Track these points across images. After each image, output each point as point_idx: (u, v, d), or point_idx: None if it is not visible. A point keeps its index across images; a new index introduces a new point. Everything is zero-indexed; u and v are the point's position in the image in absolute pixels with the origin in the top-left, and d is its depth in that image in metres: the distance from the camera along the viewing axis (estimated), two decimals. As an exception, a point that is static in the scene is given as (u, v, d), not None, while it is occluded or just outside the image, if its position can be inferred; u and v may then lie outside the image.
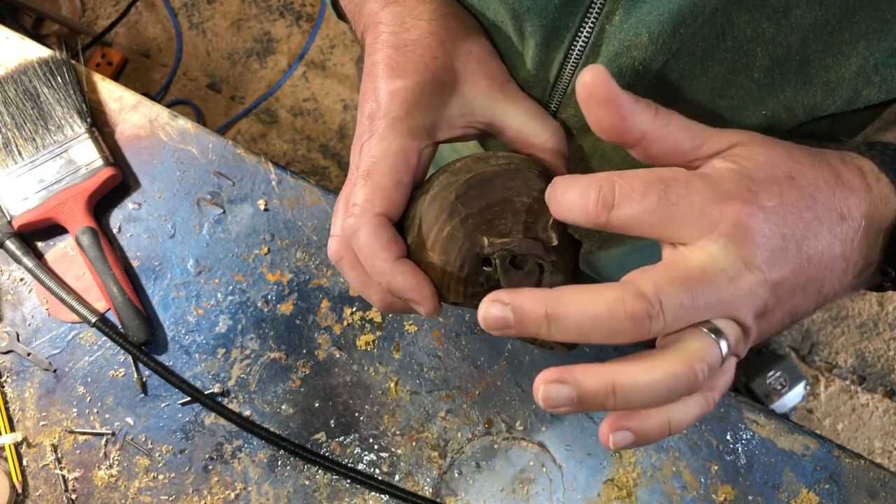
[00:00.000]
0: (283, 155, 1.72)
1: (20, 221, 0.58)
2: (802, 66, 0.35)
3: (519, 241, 0.34)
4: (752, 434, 0.57)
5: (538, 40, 0.39)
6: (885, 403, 1.53)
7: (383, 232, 0.35)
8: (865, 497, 0.56)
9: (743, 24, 0.34)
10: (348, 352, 0.59)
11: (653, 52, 0.35)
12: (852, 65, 0.34)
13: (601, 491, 0.56)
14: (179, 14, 1.82)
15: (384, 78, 0.37)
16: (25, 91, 0.60)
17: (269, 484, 0.56)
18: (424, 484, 0.56)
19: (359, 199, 0.35)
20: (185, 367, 0.58)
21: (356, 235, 0.35)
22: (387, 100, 0.36)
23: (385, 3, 0.39)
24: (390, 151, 0.35)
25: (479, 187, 0.35)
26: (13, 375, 0.59)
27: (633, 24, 0.35)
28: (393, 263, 0.35)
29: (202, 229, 0.61)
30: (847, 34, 0.33)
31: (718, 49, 0.35)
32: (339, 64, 1.78)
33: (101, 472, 0.57)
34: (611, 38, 0.36)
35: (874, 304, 1.59)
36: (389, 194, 0.35)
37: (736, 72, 0.36)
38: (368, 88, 0.38)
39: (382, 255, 0.35)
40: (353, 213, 0.35)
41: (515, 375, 0.58)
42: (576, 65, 0.39)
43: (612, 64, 0.37)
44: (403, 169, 0.36)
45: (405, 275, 0.35)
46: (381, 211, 0.35)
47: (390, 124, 0.36)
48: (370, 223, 0.35)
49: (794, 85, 0.36)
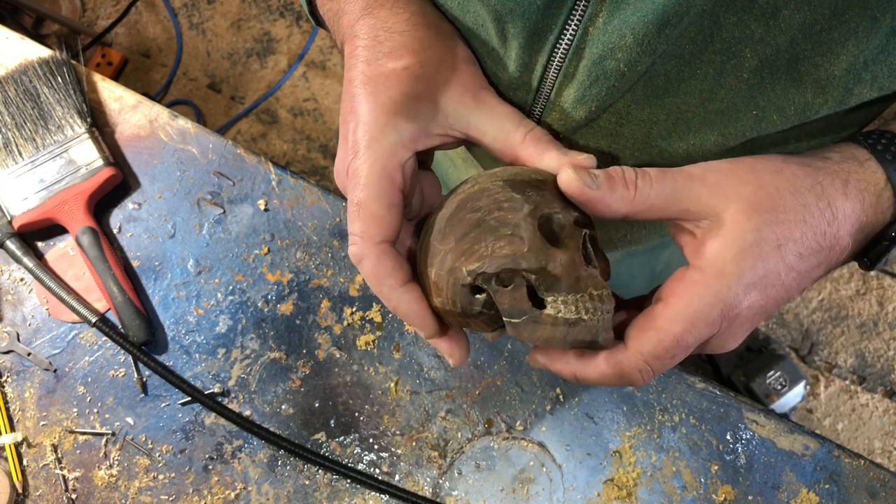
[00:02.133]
0: (283, 155, 1.72)
1: (20, 221, 0.58)
2: (792, 66, 0.35)
3: (490, 261, 0.34)
4: (752, 434, 0.57)
5: (521, 42, 0.38)
6: (885, 403, 1.53)
7: (386, 260, 0.36)
8: (865, 497, 0.56)
9: (731, 26, 0.34)
10: (348, 352, 0.59)
11: (638, 53, 0.35)
12: (842, 63, 0.34)
13: (601, 491, 0.56)
14: (179, 14, 1.82)
15: (359, 96, 0.37)
16: (25, 91, 0.60)
17: (269, 484, 0.56)
18: (424, 484, 0.56)
19: (356, 229, 0.37)
20: (186, 367, 0.58)
21: (361, 264, 0.37)
22: (363, 118, 0.37)
23: (359, 15, 0.39)
24: (374, 176, 0.36)
25: (451, 220, 0.36)
26: (13, 375, 0.59)
27: (616, 25, 0.35)
28: (399, 290, 0.37)
29: (202, 229, 0.61)
30: (836, 33, 0.33)
31: (706, 51, 0.35)
32: (339, 64, 1.78)
33: (102, 472, 0.57)
34: (594, 40, 0.36)
35: (874, 304, 1.59)
36: (384, 220, 0.36)
37: (725, 73, 0.36)
38: (346, 107, 0.38)
39: (388, 282, 0.37)
40: (354, 243, 0.37)
41: (515, 375, 0.58)
42: (559, 68, 0.39)
43: (597, 66, 0.37)
44: (390, 190, 0.37)
45: (410, 303, 0.37)
46: (381, 239, 0.36)
47: (368, 145, 0.37)
48: (372, 252, 0.36)
49: (784, 84, 0.36)
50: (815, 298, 1.60)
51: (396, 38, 0.38)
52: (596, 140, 0.44)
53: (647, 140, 0.42)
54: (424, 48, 0.38)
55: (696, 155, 0.42)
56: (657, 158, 0.43)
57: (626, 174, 0.35)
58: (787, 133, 0.40)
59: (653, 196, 0.35)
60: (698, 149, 0.41)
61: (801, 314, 1.59)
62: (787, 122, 0.38)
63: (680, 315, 0.34)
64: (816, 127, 0.40)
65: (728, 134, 0.40)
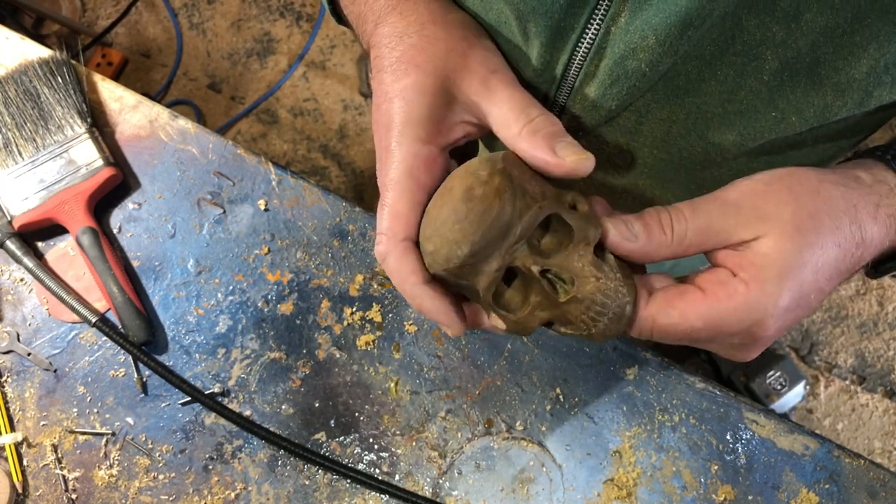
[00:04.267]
0: (283, 155, 1.72)
1: (20, 221, 0.58)
2: (812, 69, 0.35)
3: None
4: (752, 434, 0.57)
5: (543, 41, 0.39)
6: (884, 403, 1.53)
7: (409, 256, 0.37)
8: (865, 497, 0.56)
9: (752, 28, 0.34)
10: (348, 352, 0.59)
11: (660, 54, 0.35)
12: (863, 66, 0.34)
13: (601, 491, 0.56)
14: (179, 14, 1.82)
15: (382, 103, 0.38)
16: (26, 91, 0.60)
17: (269, 484, 0.56)
18: (424, 484, 0.56)
19: (383, 227, 0.37)
20: (186, 367, 0.58)
21: (386, 262, 0.37)
22: (386, 124, 0.38)
23: (375, 24, 0.40)
24: (398, 176, 0.37)
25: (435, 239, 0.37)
26: (13, 375, 0.59)
27: (638, 26, 0.35)
28: (422, 287, 0.37)
29: (202, 229, 0.61)
30: (858, 37, 0.33)
31: (727, 52, 0.35)
32: (340, 64, 1.78)
33: (102, 472, 0.57)
34: (616, 39, 0.36)
35: (874, 304, 1.59)
36: (407, 219, 0.37)
37: (745, 75, 0.36)
38: (375, 115, 0.40)
39: (411, 279, 0.37)
40: (380, 241, 0.38)
41: (515, 375, 0.58)
42: (580, 66, 0.39)
43: (619, 66, 0.37)
44: (415, 189, 0.37)
45: (433, 300, 0.37)
46: (404, 237, 0.37)
47: (393, 149, 0.38)
48: (396, 250, 0.37)
49: (804, 87, 0.36)
50: (815, 298, 1.60)
51: (406, 40, 0.39)
52: (615, 137, 0.44)
53: (665, 138, 0.42)
54: (432, 43, 0.39)
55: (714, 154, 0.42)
56: (675, 156, 0.43)
57: (662, 218, 0.35)
58: (804, 135, 0.40)
59: (690, 234, 0.35)
60: (717, 148, 0.41)
61: (801, 314, 1.59)
62: (806, 125, 0.38)
63: (708, 314, 0.34)
64: (834, 129, 0.40)
65: (747, 134, 0.40)
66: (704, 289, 0.35)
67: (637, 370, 0.58)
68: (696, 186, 0.47)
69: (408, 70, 0.38)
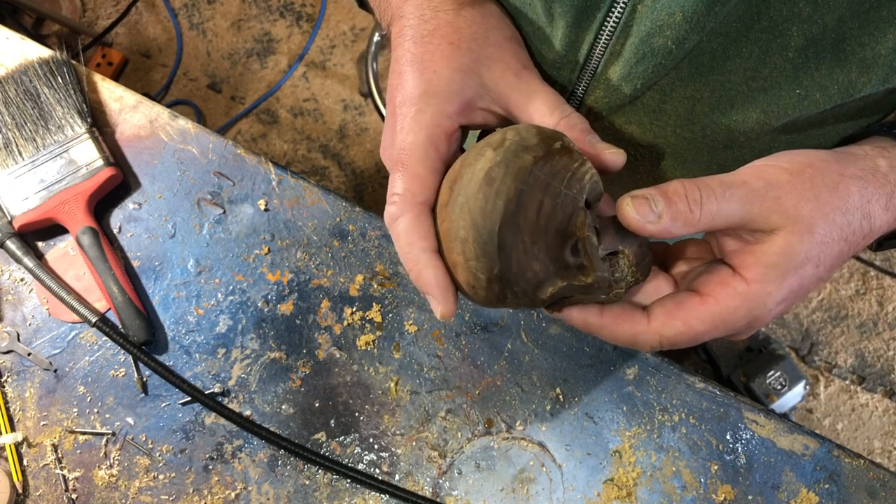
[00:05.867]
0: (283, 155, 1.72)
1: (21, 221, 0.58)
2: (837, 44, 0.35)
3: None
4: (751, 434, 0.57)
5: (568, 21, 0.39)
6: (884, 403, 1.53)
7: (424, 220, 0.36)
8: (865, 497, 0.56)
9: (779, 4, 0.34)
10: (348, 352, 0.59)
11: (686, 31, 0.35)
12: (889, 41, 0.34)
13: (601, 491, 0.56)
14: (179, 14, 1.82)
15: (406, 72, 0.38)
16: (26, 91, 0.60)
17: (270, 484, 0.56)
18: (424, 484, 0.56)
19: (398, 188, 0.36)
20: (186, 366, 0.59)
21: (396, 223, 0.36)
22: (409, 92, 0.37)
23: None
24: (420, 141, 0.36)
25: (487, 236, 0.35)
26: (13, 375, 0.59)
27: (665, 3, 0.35)
28: (429, 254, 0.36)
29: (202, 229, 0.61)
30: (885, 11, 0.33)
31: (753, 29, 0.35)
32: (340, 64, 1.78)
33: (102, 472, 0.57)
34: (643, 17, 0.36)
35: (874, 304, 1.59)
36: (427, 181, 0.36)
37: (770, 52, 0.36)
38: (393, 82, 0.39)
39: (420, 243, 0.36)
40: (393, 202, 0.36)
41: (515, 375, 0.58)
42: (606, 45, 0.39)
43: (645, 43, 0.37)
44: (435, 156, 0.37)
45: (435, 270, 0.35)
46: (423, 199, 0.36)
47: (416, 115, 0.37)
48: (411, 211, 0.36)
49: (828, 63, 0.36)
50: (815, 298, 1.60)
51: (441, 16, 0.38)
52: (638, 117, 0.44)
53: (689, 116, 0.42)
54: (469, 25, 0.39)
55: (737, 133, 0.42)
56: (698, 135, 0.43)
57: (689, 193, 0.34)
58: (826, 113, 0.40)
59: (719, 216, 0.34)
60: (740, 126, 0.41)
61: (800, 314, 1.59)
62: (830, 102, 0.38)
63: (710, 318, 0.35)
64: (856, 107, 0.40)
65: (770, 112, 0.39)
66: (704, 292, 0.35)
67: (637, 370, 0.58)
68: (718, 167, 0.47)
69: (440, 45, 0.38)
